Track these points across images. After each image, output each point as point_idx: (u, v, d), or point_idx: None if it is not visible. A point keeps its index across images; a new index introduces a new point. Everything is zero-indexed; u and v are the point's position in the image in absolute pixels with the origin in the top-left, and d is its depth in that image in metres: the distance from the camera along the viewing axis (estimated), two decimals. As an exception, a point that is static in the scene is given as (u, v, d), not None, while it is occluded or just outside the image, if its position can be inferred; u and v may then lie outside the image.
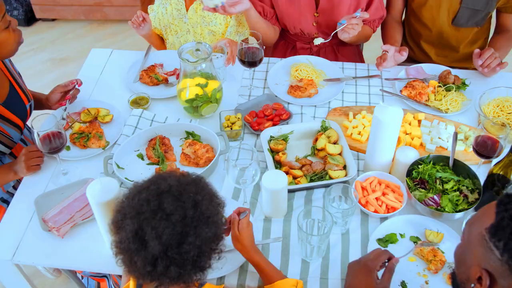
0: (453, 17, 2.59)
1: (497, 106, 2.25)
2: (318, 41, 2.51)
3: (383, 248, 1.67)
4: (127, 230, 1.28)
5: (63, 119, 2.26)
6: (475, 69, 2.52)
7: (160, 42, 2.87)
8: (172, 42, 2.76)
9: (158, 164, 2.08)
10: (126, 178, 1.96)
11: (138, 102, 2.36)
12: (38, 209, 1.91)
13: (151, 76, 2.47)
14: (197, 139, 2.17)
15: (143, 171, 2.06)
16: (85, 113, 2.27)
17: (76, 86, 2.30)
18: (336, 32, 2.44)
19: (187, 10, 2.62)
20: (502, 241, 1.18)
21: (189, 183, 1.35)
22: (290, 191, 1.95)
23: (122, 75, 2.54)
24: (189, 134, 2.19)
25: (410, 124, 2.23)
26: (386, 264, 1.57)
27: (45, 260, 1.82)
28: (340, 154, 2.08)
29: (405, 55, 2.43)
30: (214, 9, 2.31)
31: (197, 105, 2.23)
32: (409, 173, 1.95)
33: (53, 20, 5.10)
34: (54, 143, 1.92)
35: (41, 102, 2.33)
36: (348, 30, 2.40)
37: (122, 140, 2.17)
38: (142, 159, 2.12)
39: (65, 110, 2.27)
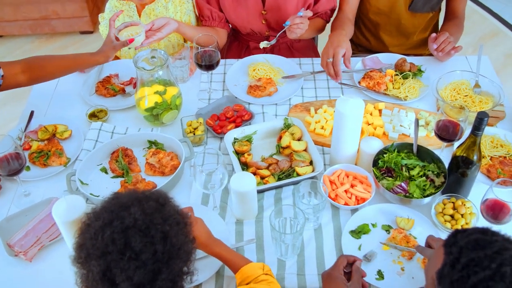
0: (409, 2, 2.62)
1: (454, 90, 2.29)
2: (263, 44, 2.51)
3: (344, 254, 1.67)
4: (94, 271, 1.19)
5: (20, 139, 2.19)
6: (429, 55, 2.56)
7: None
8: (126, 50, 2.71)
9: (123, 177, 2.04)
10: (91, 194, 1.92)
11: (97, 115, 2.31)
12: (2, 234, 1.84)
13: (107, 87, 2.42)
14: (160, 148, 2.13)
15: (108, 185, 2.02)
16: (42, 131, 2.21)
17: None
18: (284, 34, 2.46)
19: (139, 16, 2.58)
20: None
21: (154, 211, 1.25)
22: (259, 191, 1.95)
23: (77, 89, 2.48)
24: (152, 143, 2.16)
25: (371, 114, 2.25)
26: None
27: (15, 287, 1.76)
28: (305, 150, 2.08)
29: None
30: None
31: (157, 113, 2.19)
32: (375, 163, 1.97)
33: (-1, 37, 4.97)
34: (13, 165, 1.85)
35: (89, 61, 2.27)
36: (294, 30, 2.42)
37: (83, 155, 2.11)
38: (106, 172, 2.07)
39: (25, 128, 2.21)
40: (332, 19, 2.74)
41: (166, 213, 1.27)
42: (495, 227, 1.24)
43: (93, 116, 2.30)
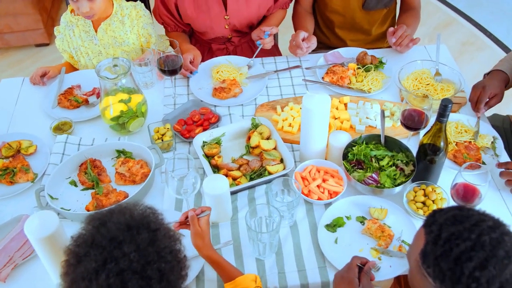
0: (363, 1, 2.66)
1: (416, 79, 2.34)
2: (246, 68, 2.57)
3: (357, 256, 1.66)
4: None
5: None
6: (389, 47, 2.60)
7: (71, 69, 2.75)
8: (84, 64, 2.65)
9: (93, 188, 2.01)
10: (62, 208, 1.88)
11: (61, 128, 2.27)
12: (-28, 256, 1.80)
13: (70, 99, 2.38)
14: (129, 156, 2.11)
15: (79, 198, 1.99)
16: (6, 148, 2.16)
17: None
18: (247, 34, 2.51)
19: (96, 31, 2.54)
20: (430, 268, 1.16)
21: (148, 245, 1.20)
22: (232, 192, 1.94)
23: (39, 102, 2.43)
24: (120, 152, 2.13)
25: (337, 108, 2.28)
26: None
27: (-11, 309, 1.72)
28: (275, 148, 2.09)
29: (313, 41, 2.48)
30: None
31: (123, 121, 2.17)
32: (345, 156, 1.98)
33: (-50, 55, 4.83)
34: (-21, 185, 1.81)
35: None
36: (264, 47, 2.54)
37: (50, 169, 2.07)
38: (76, 185, 2.04)
39: None
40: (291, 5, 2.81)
41: (160, 244, 1.22)
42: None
43: (58, 129, 2.26)
